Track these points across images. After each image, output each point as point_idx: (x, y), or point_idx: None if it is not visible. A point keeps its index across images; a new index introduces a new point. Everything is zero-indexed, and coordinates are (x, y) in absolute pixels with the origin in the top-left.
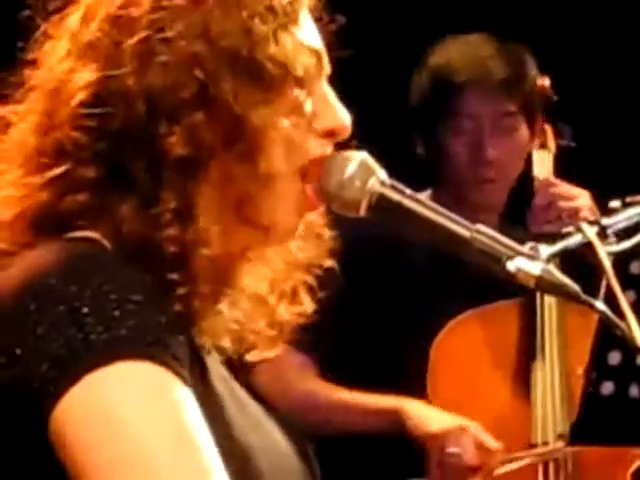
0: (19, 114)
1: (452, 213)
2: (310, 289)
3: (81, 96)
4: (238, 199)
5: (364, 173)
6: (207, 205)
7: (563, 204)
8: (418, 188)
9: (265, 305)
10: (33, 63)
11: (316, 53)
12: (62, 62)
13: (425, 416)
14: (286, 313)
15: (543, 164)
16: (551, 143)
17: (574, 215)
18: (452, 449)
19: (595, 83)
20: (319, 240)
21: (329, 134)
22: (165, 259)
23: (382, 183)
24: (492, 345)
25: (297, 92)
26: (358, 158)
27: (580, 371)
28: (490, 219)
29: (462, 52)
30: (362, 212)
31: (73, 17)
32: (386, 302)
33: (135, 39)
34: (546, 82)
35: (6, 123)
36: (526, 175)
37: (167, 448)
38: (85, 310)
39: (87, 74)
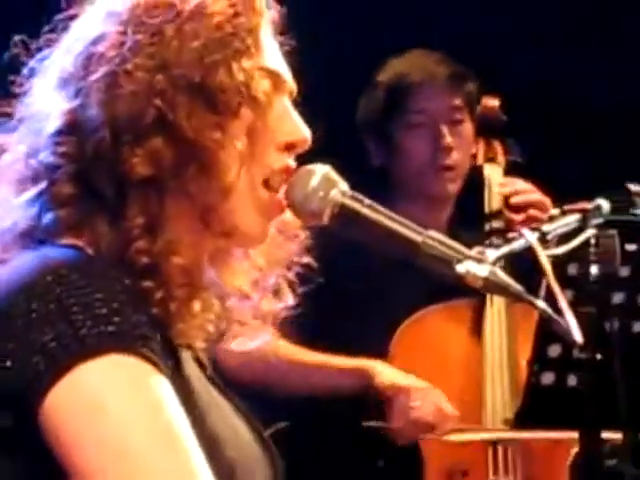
0: (13, 141)
1: (406, 219)
2: (291, 284)
3: (55, 124)
4: (201, 211)
5: (327, 185)
6: (173, 218)
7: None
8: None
9: (249, 300)
10: (25, 94)
11: (274, 75)
12: (44, 93)
13: (393, 374)
14: (269, 306)
15: (493, 177)
16: (501, 158)
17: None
18: (417, 402)
19: (540, 104)
20: (296, 239)
21: (289, 147)
22: (139, 269)
23: (343, 194)
24: (448, 337)
25: (252, 113)
26: (321, 171)
27: (524, 362)
28: (442, 216)
29: (410, 61)
30: (325, 220)
31: (56, 53)
32: (354, 295)
33: (100, 73)
34: (496, 103)
35: (3, 150)
36: (478, 185)
37: (150, 437)
38: (75, 309)
39: (61, 104)
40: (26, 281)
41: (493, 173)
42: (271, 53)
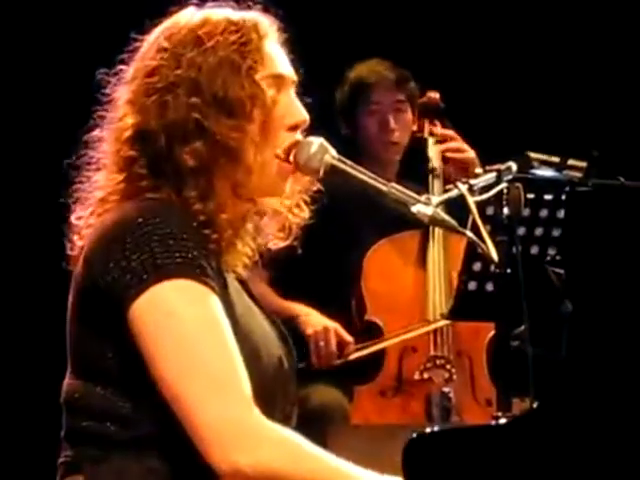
0: (104, 135)
1: (372, 174)
2: (306, 203)
3: (128, 133)
4: (232, 186)
5: (322, 151)
6: (217, 190)
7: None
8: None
9: (279, 214)
10: (109, 103)
11: (278, 79)
12: (120, 108)
13: (307, 321)
14: (293, 218)
15: (434, 145)
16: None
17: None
18: (322, 343)
19: (467, 96)
20: (311, 179)
21: (294, 127)
22: (199, 222)
23: (332, 157)
24: (403, 257)
25: (262, 114)
26: (318, 141)
27: (455, 274)
28: (391, 173)
29: (369, 68)
30: (320, 175)
31: (126, 79)
32: (337, 228)
33: (154, 97)
34: (437, 95)
35: (101, 140)
36: (423, 151)
37: (203, 334)
38: (155, 243)
39: (131, 119)
40: (123, 221)
41: (434, 143)
42: (276, 58)
